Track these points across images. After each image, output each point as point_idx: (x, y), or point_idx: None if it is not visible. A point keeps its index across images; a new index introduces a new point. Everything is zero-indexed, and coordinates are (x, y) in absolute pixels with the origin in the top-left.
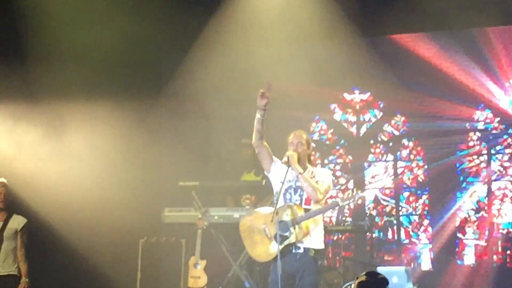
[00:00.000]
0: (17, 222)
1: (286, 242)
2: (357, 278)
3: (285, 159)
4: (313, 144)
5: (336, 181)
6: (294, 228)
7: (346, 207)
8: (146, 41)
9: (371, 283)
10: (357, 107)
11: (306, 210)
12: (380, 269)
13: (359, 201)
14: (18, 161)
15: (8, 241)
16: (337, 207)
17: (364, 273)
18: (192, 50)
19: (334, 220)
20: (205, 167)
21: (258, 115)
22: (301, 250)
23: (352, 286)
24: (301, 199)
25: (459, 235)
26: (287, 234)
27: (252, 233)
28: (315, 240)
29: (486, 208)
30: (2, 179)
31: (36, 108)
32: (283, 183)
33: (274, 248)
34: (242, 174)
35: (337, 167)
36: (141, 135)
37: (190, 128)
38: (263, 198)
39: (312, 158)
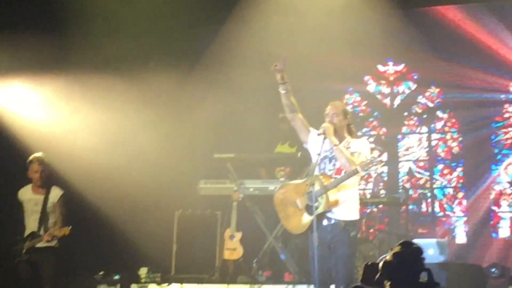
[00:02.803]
0: (54, 194)
1: (316, 212)
2: (392, 249)
3: (320, 130)
4: None
5: None
6: (322, 198)
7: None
8: (181, 13)
9: (406, 254)
10: (391, 78)
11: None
12: (417, 242)
13: (378, 167)
14: (57, 134)
15: (51, 214)
16: (357, 174)
17: (398, 243)
18: (228, 22)
19: (368, 192)
20: (240, 138)
21: (280, 90)
22: (332, 222)
23: (387, 257)
24: (334, 169)
25: (494, 208)
26: (316, 204)
27: (286, 206)
28: (345, 211)
29: None
30: (39, 154)
31: (73, 81)
32: (319, 154)
33: (306, 219)
34: (277, 146)
35: (371, 139)
36: (176, 107)
37: (225, 100)
38: (300, 170)
39: (352, 128)
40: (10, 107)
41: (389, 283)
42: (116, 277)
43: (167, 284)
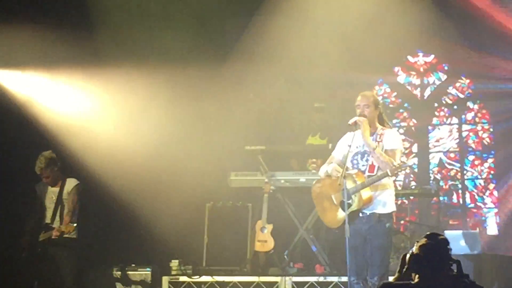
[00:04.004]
0: (69, 185)
1: (349, 210)
2: (418, 242)
3: (352, 121)
4: None
5: None
6: (356, 196)
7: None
8: (212, 4)
9: (432, 245)
10: (421, 69)
11: (369, 177)
12: (448, 233)
13: (407, 170)
14: (86, 125)
15: (66, 205)
16: (388, 177)
17: (424, 236)
18: (258, 12)
19: (399, 184)
20: (270, 131)
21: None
22: (367, 214)
23: (414, 249)
24: (367, 165)
25: None
26: (350, 201)
27: (322, 200)
28: (380, 205)
29: None
30: (41, 162)
31: (102, 72)
32: (350, 146)
33: (341, 215)
34: (307, 138)
35: (401, 131)
36: (207, 99)
37: (256, 91)
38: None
39: (384, 117)
40: (40, 99)
41: (417, 275)
42: (148, 269)
43: (198, 276)
